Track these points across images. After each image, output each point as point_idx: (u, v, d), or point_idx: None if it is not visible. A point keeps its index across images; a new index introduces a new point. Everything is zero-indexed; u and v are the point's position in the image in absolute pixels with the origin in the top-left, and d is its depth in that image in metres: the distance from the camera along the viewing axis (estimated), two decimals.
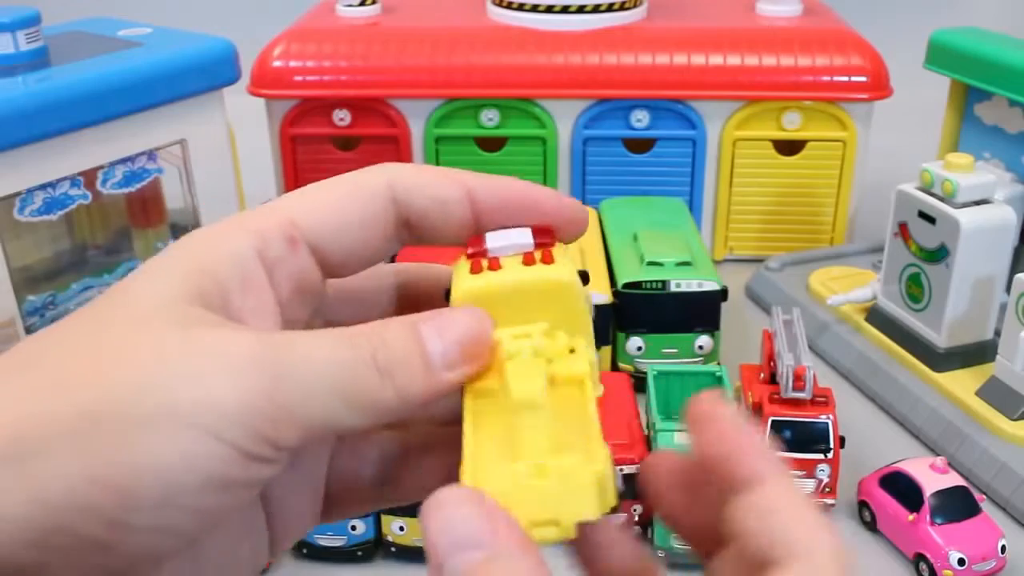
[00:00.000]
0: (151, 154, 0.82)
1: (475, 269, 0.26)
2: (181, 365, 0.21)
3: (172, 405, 0.21)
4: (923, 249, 0.72)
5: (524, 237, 0.26)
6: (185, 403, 0.21)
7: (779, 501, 0.22)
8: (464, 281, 0.26)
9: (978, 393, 0.69)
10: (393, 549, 0.61)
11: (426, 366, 0.24)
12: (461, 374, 0.24)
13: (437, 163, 0.97)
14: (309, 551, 0.61)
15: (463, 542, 0.21)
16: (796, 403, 0.63)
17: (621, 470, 0.58)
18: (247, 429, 0.21)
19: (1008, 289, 0.67)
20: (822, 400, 0.63)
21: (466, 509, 0.22)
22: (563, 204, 0.27)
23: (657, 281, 0.72)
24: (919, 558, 0.59)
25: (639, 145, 0.96)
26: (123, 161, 0.80)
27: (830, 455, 0.62)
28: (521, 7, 0.97)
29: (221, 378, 0.21)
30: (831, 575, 0.21)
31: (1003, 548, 0.58)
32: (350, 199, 0.26)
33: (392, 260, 0.33)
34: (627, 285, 0.72)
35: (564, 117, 0.94)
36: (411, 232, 0.27)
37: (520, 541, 0.21)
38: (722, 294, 0.73)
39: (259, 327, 0.24)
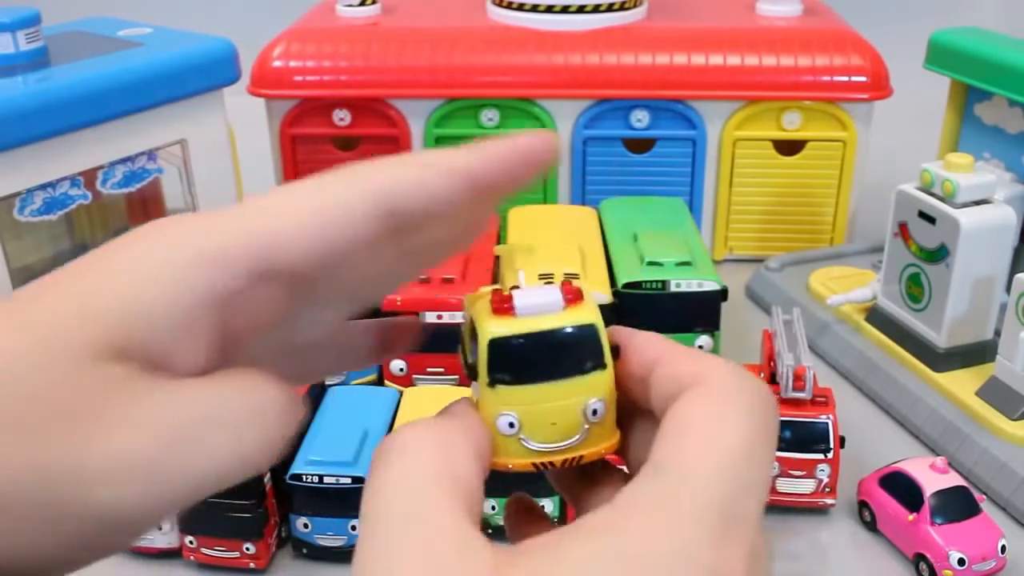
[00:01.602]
0: (151, 154, 0.82)
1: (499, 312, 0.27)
2: (97, 460, 0.21)
3: (51, 505, 0.21)
4: (923, 249, 0.72)
5: (553, 296, 0.27)
6: (64, 504, 0.21)
7: (675, 361, 0.26)
8: (492, 324, 0.27)
9: (978, 393, 0.69)
10: None
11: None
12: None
13: None
14: (309, 551, 0.61)
15: (449, 408, 0.28)
16: (796, 403, 0.63)
17: None
18: (138, 530, 0.22)
19: (1008, 289, 0.67)
20: (822, 400, 0.63)
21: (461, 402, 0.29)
22: (541, 142, 0.27)
23: (657, 281, 0.72)
24: (919, 558, 0.59)
25: (639, 145, 0.96)
26: (123, 161, 0.80)
27: (830, 455, 0.62)
28: (521, 7, 0.97)
29: (107, 486, 0.21)
30: (724, 386, 0.25)
31: (1003, 548, 0.58)
32: (336, 224, 0.24)
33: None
34: (627, 285, 0.72)
35: (564, 117, 0.94)
36: (403, 233, 0.26)
37: (469, 422, 0.27)
38: (722, 294, 0.73)
39: (184, 367, 0.23)
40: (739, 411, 0.24)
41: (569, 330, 0.27)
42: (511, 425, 0.27)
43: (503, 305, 0.26)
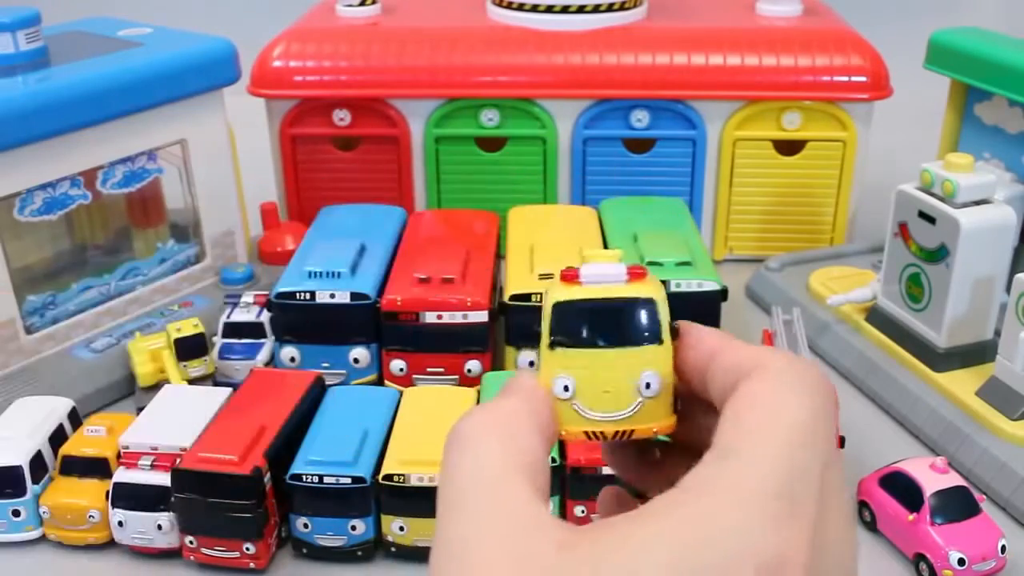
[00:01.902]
0: (151, 154, 0.82)
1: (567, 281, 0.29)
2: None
3: None
4: (923, 249, 0.72)
5: (617, 270, 0.29)
6: None
7: (733, 352, 0.28)
8: (558, 291, 0.29)
9: (978, 393, 0.69)
10: (393, 549, 0.61)
11: None
12: None
13: (437, 163, 0.97)
14: (309, 551, 0.61)
15: (512, 381, 0.29)
16: None
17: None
18: None
19: (1008, 289, 0.67)
20: None
21: (522, 373, 0.30)
22: None
23: None
24: (919, 558, 0.59)
25: (639, 145, 0.96)
26: (123, 161, 0.80)
27: None
28: (521, 7, 0.97)
29: None
30: (786, 372, 0.26)
31: (1003, 548, 0.58)
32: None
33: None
34: None
35: (564, 117, 0.94)
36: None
37: (532, 396, 0.28)
38: (722, 294, 0.73)
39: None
40: (796, 393, 0.25)
41: (629, 300, 0.28)
42: (566, 388, 0.28)
43: (570, 274, 0.28)
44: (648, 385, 0.28)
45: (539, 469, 0.26)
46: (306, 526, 0.60)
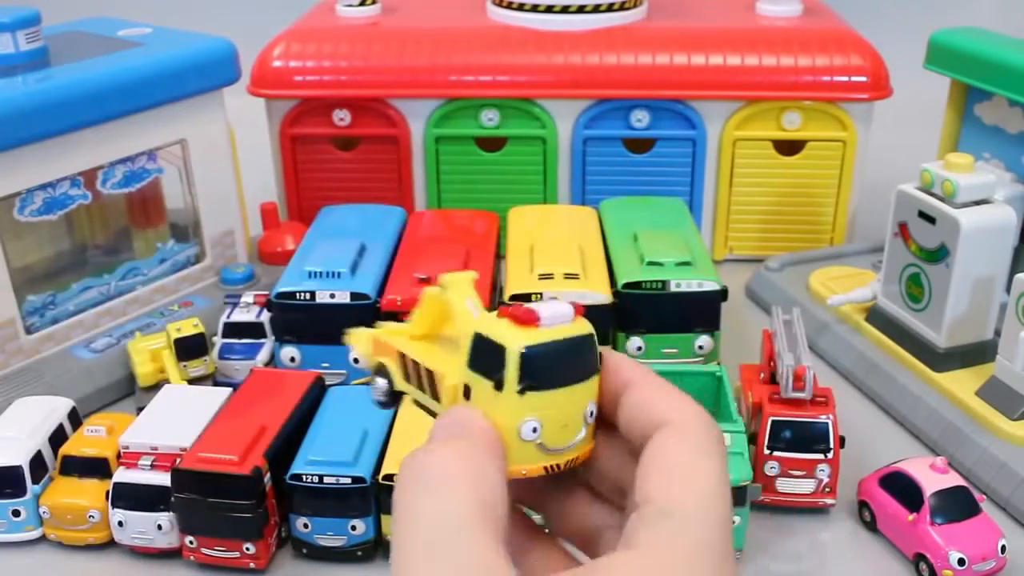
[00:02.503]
0: (151, 154, 0.82)
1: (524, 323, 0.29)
2: None
3: None
4: (923, 249, 0.72)
5: (567, 308, 0.29)
6: None
7: (649, 393, 0.29)
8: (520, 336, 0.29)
9: (978, 393, 0.69)
10: None
11: None
12: None
13: (437, 163, 0.97)
14: (309, 551, 0.61)
15: (452, 421, 0.28)
16: (796, 403, 0.63)
17: None
18: None
19: (1008, 289, 0.67)
20: (822, 400, 0.63)
21: (460, 410, 0.29)
22: None
23: (657, 281, 0.72)
24: (919, 558, 0.59)
25: (639, 145, 0.96)
26: (123, 161, 0.80)
27: (830, 455, 0.62)
28: (521, 7, 0.97)
29: None
30: (685, 434, 0.28)
31: (1003, 548, 0.58)
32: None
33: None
34: (627, 285, 0.72)
35: (564, 117, 0.94)
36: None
37: (491, 439, 0.28)
38: (722, 294, 0.73)
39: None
40: (710, 456, 0.28)
41: (583, 336, 0.29)
42: (534, 430, 0.28)
43: (529, 317, 0.28)
44: (592, 413, 0.29)
45: (501, 514, 0.26)
46: (306, 526, 0.60)
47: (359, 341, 0.35)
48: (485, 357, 0.28)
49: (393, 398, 0.34)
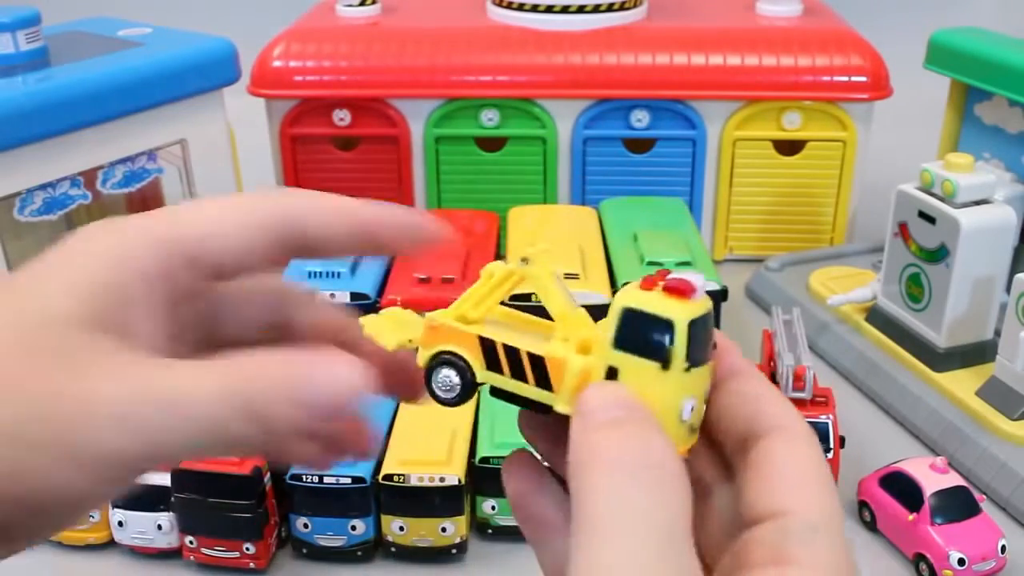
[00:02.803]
0: (151, 154, 0.82)
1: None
2: (75, 413, 0.23)
3: (63, 445, 0.23)
4: (923, 249, 0.72)
5: (702, 279, 0.28)
6: (73, 445, 0.23)
7: (758, 387, 0.28)
8: (680, 308, 0.27)
9: (978, 393, 0.69)
10: (393, 549, 0.61)
11: (297, 415, 0.25)
12: (334, 419, 0.26)
13: (437, 163, 0.97)
14: (309, 551, 0.61)
15: (616, 403, 0.25)
16: (796, 403, 0.62)
17: None
18: (121, 470, 0.24)
19: (1008, 289, 0.67)
20: (822, 400, 0.63)
21: (621, 389, 0.26)
22: (420, 224, 0.30)
23: None
24: (919, 558, 0.59)
25: (639, 145, 0.96)
26: (123, 161, 0.80)
27: (830, 455, 0.62)
28: (521, 7, 0.97)
29: (108, 432, 0.23)
30: (807, 442, 0.26)
31: (1003, 548, 0.58)
32: (246, 228, 0.28)
33: None
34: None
35: (564, 117, 0.94)
36: (300, 251, 0.29)
37: (652, 418, 0.25)
38: (722, 294, 0.73)
39: (155, 344, 0.26)
40: (827, 466, 0.27)
41: (712, 310, 0.28)
42: (692, 410, 0.27)
43: (686, 287, 0.27)
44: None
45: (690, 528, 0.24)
46: (306, 526, 0.60)
47: (380, 330, 0.30)
48: (643, 335, 0.26)
49: (466, 392, 0.29)
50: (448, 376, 0.29)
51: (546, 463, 0.31)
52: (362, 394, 0.26)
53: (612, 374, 0.26)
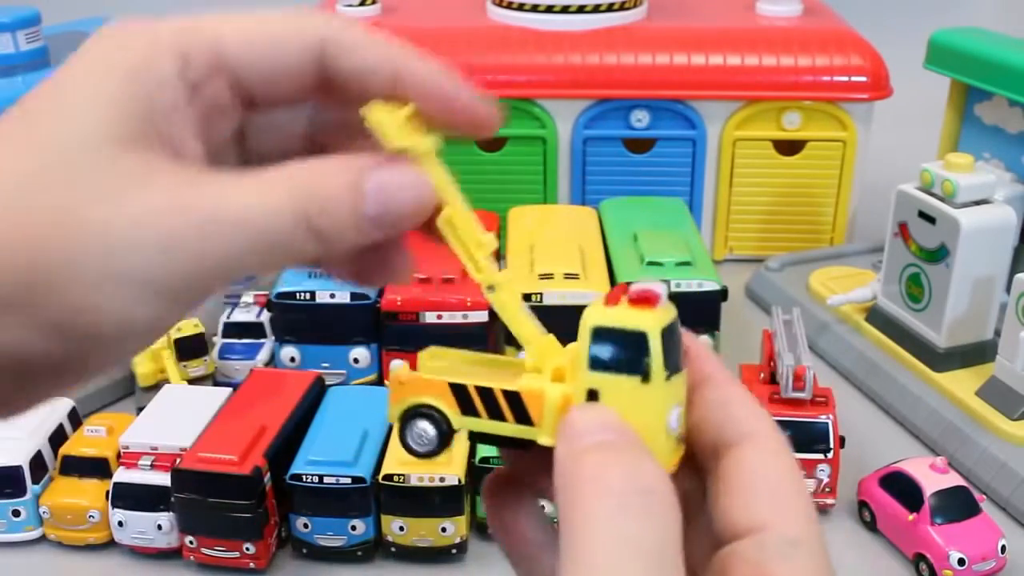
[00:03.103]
0: None
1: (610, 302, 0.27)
2: (124, 240, 0.23)
3: (117, 275, 0.22)
4: (923, 249, 0.72)
5: (662, 288, 0.27)
6: (127, 273, 0.22)
7: (728, 392, 0.27)
8: (648, 317, 0.26)
9: (978, 393, 0.69)
10: (393, 549, 0.61)
11: (358, 228, 0.24)
12: (393, 232, 0.25)
13: None
14: (309, 551, 0.61)
15: (600, 426, 0.25)
16: (796, 403, 0.63)
17: None
18: (179, 292, 0.23)
19: (1008, 289, 0.67)
20: (822, 400, 0.63)
21: (605, 412, 0.25)
22: (478, 111, 0.28)
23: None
24: (919, 558, 0.59)
25: (639, 145, 0.96)
26: None
27: (830, 455, 0.62)
28: (521, 7, 0.97)
29: (157, 255, 0.23)
30: (778, 449, 0.26)
31: (1003, 548, 0.58)
32: (281, 44, 0.26)
33: None
34: None
35: (564, 117, 0.94)
36: (332, 88, 0.27)
37: (640, 441, 0.25)
38: (722, 294, 0.73)
39: (189, 154, 0.25)
40: (800, 471, 0.26)
41: (677, 316, 0.27)
42: (677, 419, 0.26)
43: (650, 296, 0.26)
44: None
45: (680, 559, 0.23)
46: (306, 526, 0.60)
47: (385, 125, 0.26)
48: (618, 350, 0.26)
49: (443, 442, 0.29)
50: (424, 429, 0.29)
51: (526, 484, 0.30)
52: (420, 202, 0.25)
53: (593, 396, 0.26)
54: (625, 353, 0.25)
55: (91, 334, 0.23)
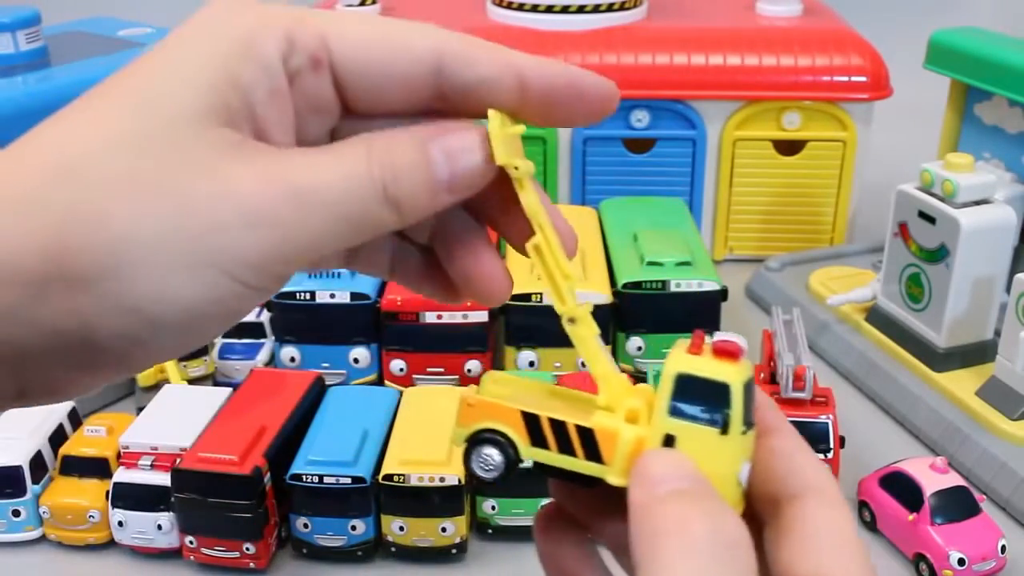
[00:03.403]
0: None
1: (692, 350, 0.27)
2: (206, 216, 0.23)
3: (197, 253, 0.23)
4: (923, 249, 0.72)
5: (743, 341, 0.27)
6: (208, 252, 0.23)
7: (793, 445, 0.27)
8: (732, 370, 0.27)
9: (978, 393, 0.69)
10: (393, 549, 0.61)
11: (431, 192, 0.25)
12: (462, 196, 0.26)
13: None
14: (309, 551, 0.61)
15: (678, 474, 0.25)
16: (796, 403, 0.63)
17: None
18: (262, 271, 0.23)
19: (1008, 289, 0.67)
20: (822, 400, 0.63)
21: (683, 459, 0.25)
22: (605, 87, 0.28)
23: (657, 281, 0.72)
24: (919, 558, 0.59)
25: (639, 145, 0.96)
26: None
27: (830, 455, 0.62)
28: (521, 7, 0.97)
29: (241, 231, 0.23)
30: (841, 505, 0.26)
31: (1003, 548, 0.58)
32: (392, 53, 0.26)
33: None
34: (627, 285, 0.72)
35: None
36: (447, 101, 0.27)
37: (712, 487, 0.25)
38: (722, 294, 0.73)
39: (278, 141, 0.25)
40: (852, 521, 0.27)
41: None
42: (747, 472, 0.26)
43: (735, 349, 0.26)
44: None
45: None
46: (306, 526, 0.60)
47: (497, 138, 0.26)
48: (700, 399, 0.26)
49: (509, 470, 0.28)
50: (490, 455, 0.28)
51: (580, 523, 0.30)
52: (486, 161, 0.25)
53: (669, 442, 0.26)
54: (707, 403, 0.26)
55: (164, 320, 0.23)
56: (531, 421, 0.28)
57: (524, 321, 0.71)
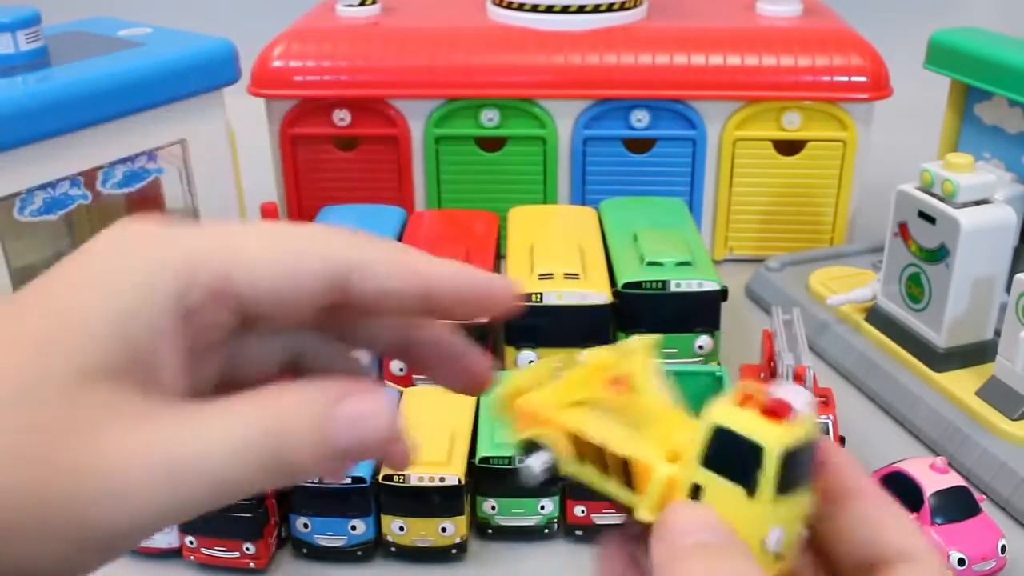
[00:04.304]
0: (151, 154, 0.82)
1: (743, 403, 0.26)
2: (68, 487, 0.22)
3: (55, 525, 0.22)
4: (923, 249, 0.72)
5: (808, 398, 0.26)
6: (66, 525, 0.22)
7: (882, 509, 0.27)
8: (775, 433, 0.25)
9: (978, 393, 0.69)
10: (393, 549, 0.61)
11: (327, 459, 0.24)
12: (360, 460, 0.25)
13: (437, 163, 0.97)
14: (309, 551, 0.61)
15: (703, 527, 0.24)
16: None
17: None
18: (119, 541, 0.23)
19: (1008, 289, 0.67)
20: (822, 400, 0.63)
21: (708, 511, 0.25)
22: (509, 290, 0.28)
23: (657, 281, 0.72)
24: None
25: (639, 145, 0.96)
26: (123, 161, 0.80)
27: None
28: (521, 7, 0.97)
29: (103, 506, 0.22)
30: (938, 571, 0.26)
31: (1003, 548, 0.58)
32: (296, 278, 0.25)
33: None
34: (627, 285, 0.72)
35: (564, 117, 0.94)
36: (351, 308, 0.26)
37: (741, 542, 0.24)
38: (722, 294, 0.73)
39: (169, 384, 0.24)
40: None
41: (816, 432, 0.25)
42: (778, 540, 0.25)
43: (782, 409, 0.25)
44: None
45: None
46: (306, 526, 0.60)
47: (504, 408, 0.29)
48: (732, 457, 0.25)
49: (552, 482, 0.29)
50: (543, 460, 0.29)
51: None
52: (391, 429, 0.24)
53: (696, 491, 0.25)
54: (738, 461, 0.25)
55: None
56: (576, 438, 0.28)
57: (524, 321, 0.71)
